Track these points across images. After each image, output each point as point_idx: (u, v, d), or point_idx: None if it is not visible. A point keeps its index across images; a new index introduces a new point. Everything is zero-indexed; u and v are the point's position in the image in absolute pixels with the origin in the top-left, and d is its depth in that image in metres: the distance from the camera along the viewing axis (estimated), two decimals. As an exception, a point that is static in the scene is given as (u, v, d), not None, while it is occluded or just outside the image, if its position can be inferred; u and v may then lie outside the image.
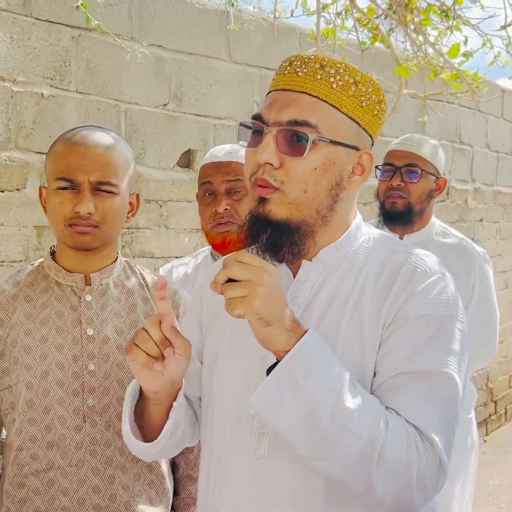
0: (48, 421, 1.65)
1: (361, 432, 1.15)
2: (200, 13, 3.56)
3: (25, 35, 2.87)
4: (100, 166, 1.63)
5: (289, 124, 1.25)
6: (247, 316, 1.15)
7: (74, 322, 1.68)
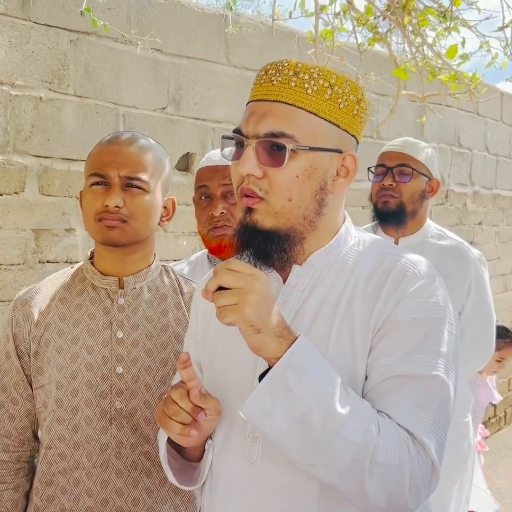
0: (76, 421, 1.68)
1: (353, 437, 1.15)
2: (199, 17, 3.56)
3: (23, 39, 2.88)
4: (130, 162, 1.67)
5: (266, 136, 1.26)
6: (238, 324, 1.15)
7: (105, 325, 1.71)
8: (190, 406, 1.24)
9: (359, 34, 3.44)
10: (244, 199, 1.29)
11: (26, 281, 2.91)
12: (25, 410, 1.75)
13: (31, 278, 2.92)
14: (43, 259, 2.99)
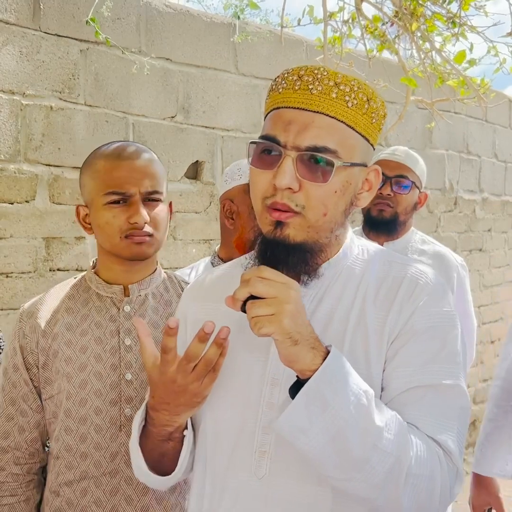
0: (84, 431, 1.68)
1: (390, 449, 1.14)
2: (207, 26, 3.58)
3: (34, 49, 2.90)
4: (148, 177, 1.69)
5: (309, 149, 1.22)
6: (275, 335, 1.11)
7: (112, 333, 1.72)
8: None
9: (368, 41, 3.46)
10: (274, 213, 1.23)
11: (37, 289, 2.92)
12: (35, 422, 1.75)
13: (41, 286, 2.93)
14: (54, 267, 3.01)
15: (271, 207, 1.24)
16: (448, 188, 5.34)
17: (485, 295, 5.70)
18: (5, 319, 2.87)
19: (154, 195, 1.70)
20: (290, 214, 1.23)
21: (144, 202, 1.68)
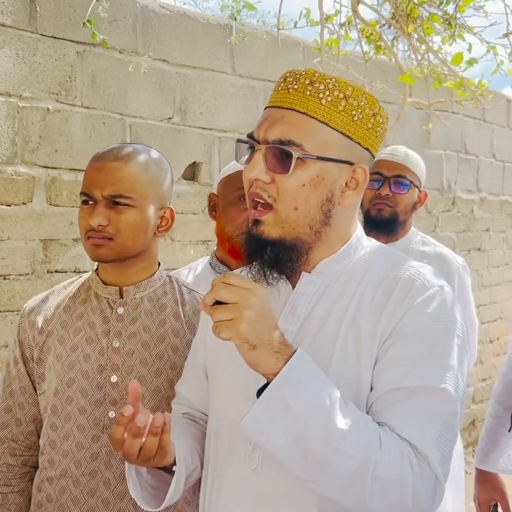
0: (67, 428, 1.69)
1: (353, 453, 1.14)
2: (204, 27, 3.59)
3: (30, 51, 2.91)
4: (113, 180, 1.66)
5: (274, 142, 1.27)
6: (233, 340, 1.15)
7: (103, 333, 1.72)
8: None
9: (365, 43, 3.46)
10: (252, 212, 1.30)
11: (34, 291, 2.93)
12: (31, 415, 1.78)
13: (39, 288, 2.93)
14: (52, 269, 3.01)
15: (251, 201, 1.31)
16: (446, 188, 5.34)
17: (484, 295, 5.70)
18: (3, 321, 2.88)
19: (119, 199, 1.65)
20: (265, 211, 1.28)
21: (110, 205, 1.66)
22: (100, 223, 1.64)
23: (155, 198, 1.72)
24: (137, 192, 1.67)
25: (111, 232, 1.66)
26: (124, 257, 1.70)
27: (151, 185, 1.71)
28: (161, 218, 1.76)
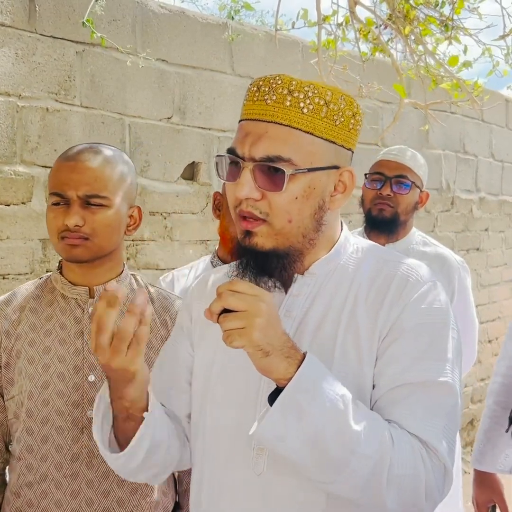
0: (45, 432, 1.67)
1: (369, 452, 1.15)
2: (203, 27, 3.59)
3: (30, 51, 2.91)
4: (87, 180, 1.65)
5: (262, 160, 1.24)
6: (246, 348, 1.13)
7: (76, 334, 1.71)
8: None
9: (362, 44, 3.47)
10: (243, 223, 1.28)
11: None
12: None
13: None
14: (51, 269, 3.01)
15: (240, 216, 1.28)
16: (445, 188, 5.34)
17: (483, 295, 5.70)
18: (2, 321, 2.88)
19: (94, 199, 1.65)
20: (257, 222, 1.27)
21: (84, 205, 1.65)
22: (76, 223, 1.63)
23: (125, 197, 1.73)
24: (110, 191, 1.68)
25: (87, 232, 1.65)
26: (98, 257, 1.70)
27: (122, 184, 1.71)
28: (130, 217, 1.77)
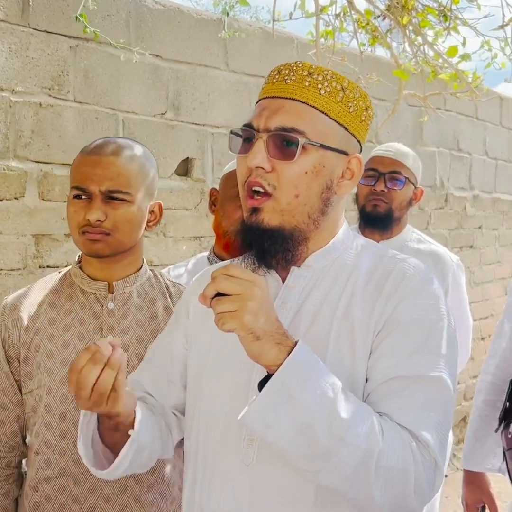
0: (64, 427, 1.68)
1: (357, 442, 1.15)
2: (198, 22, 3.58)
3: (23, 46, 2.89)
4: (110, 175, 1.65)
5: (277, 130, 1.27)
6: (237, 331, 1.14)
7: (95, 329, 1.71)
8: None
9: (360, 35, 3.46)
10: (250, 201, 1.30)
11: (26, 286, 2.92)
12: (15, 416, 1.75)
13: (31, 283, 2.93)
14: (43, 264, 3.00)
15: (248, 190, 1.30)
16: (438, 185, 5.35)
17: (476, 292, 5.71)
18: (-5, 316, 2.87)
19: (116, 194, 1.65)
20: (263, 199, 1.28)
21: (106, 200, 1.65)
22: (98, 218, 1.64)
23: (147, 193, 1.73)
24: (132, 187, 1.68)
25: (108, 227, 1.65)
26: (118, 252, 1.70)
27: (143, 180, 1.71)
28: (151, 213, 1.77)
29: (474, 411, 2.31)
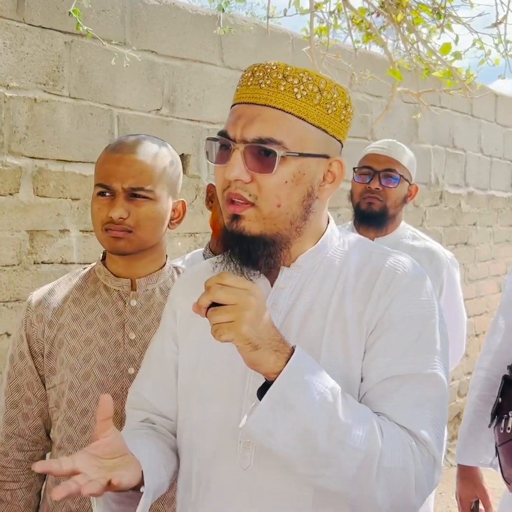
0: (85, 422, 1.69)
1: (359, 445, 1.15)
2: (193, 18, 3.58)
3: (18, 41, 2.88)
4: (133, 173, 1.66)
5: (254, 141, 1.24)
6: (235, 342, 1.13)
7: (118, 326, 1.72)
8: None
9: (354, 32, 3.46)
10: (230, 207, 1.27)
11: (20, 282, 2.91)
12: (39, 410, 1.77)
13: (25, 279, 2.92)
14: (38, 260, 3.00)
15: (228, 199, 1.27)
16: (433, 182, 5.36)
17: (470, 289, 5.73)
18: (-11, 312, 2.86)
19: (139, 192, 1.66)
20: (245, 206, 1.26)
21: (129, 198, 1.66)
22: (121, 216, 1.64)
23: (170, 190, 1.73)
24: (155, 185, 1.68)
25: (131, 224, 1.66)
26: (141, 249, 1.71)
27: (167, 177, 1.72)
28: (174, 211, 1.77)
29: (468, 406, 2.32)
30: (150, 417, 1.44)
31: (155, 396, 1.44)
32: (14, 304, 2.91)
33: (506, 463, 2.06)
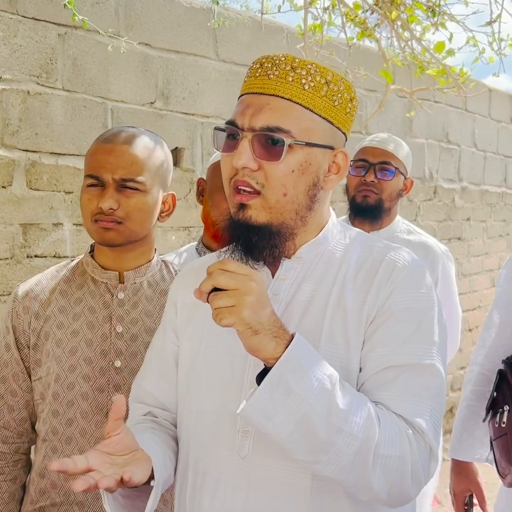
0: (70, 415, 1.68)
1: (356, 432, 1.16)
2: (187, 11, 3.56)
3: (11, 33, 2.86)
4: (124, 164, 1.65)
5: (262, 130, 1.26)
6: (235, 326, 1.14)
7: (105, 319, 1.71)
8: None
9: (349, 29, 3.46)
10: (237, 196, 1.29)
11: (14, 276, 2.90)
12: (24, 402, 1.76)
13: (19, 273, 2.91)
14: (31, 254, 2.99)
15: (234, 188, 1.29)
16: (427, 177, 5.36)
17: (464, 284, 5.74)
18: (-18, 306, 2.85)
19: (129, 183, 1.65)
20: (252, 196, 1.28)
21: (119, 189, 1.65)
22: (111, 207, 1.64)
23: (160, 183, 1.73)
24: (146, 176, 1.67)
25: (121, 216, 1.65)
26: (130, 241, 1.70)
27: (158, 170, 1.71)
28: (164, 204, 1.76)
29: (463, 401, 2.33)
30: (153, 411, 1.46)
31: (158, 389, 1.45)
32: (7, 298, 2.90)
33: (501, 457, 2.07)
